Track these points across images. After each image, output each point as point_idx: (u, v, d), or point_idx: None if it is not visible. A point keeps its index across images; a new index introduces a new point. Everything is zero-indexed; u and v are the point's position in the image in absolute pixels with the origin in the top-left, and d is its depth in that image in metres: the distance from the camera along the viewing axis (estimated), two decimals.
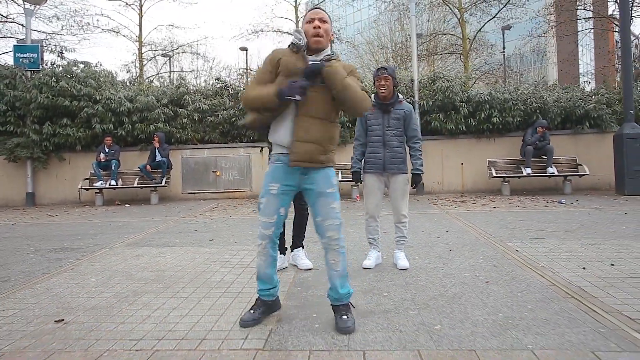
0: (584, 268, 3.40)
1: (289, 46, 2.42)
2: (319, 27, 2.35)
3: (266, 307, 2.53)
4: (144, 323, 2.55)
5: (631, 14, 12.46)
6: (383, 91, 3.51)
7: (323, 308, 2.67)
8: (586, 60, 34.97)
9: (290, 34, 21.31)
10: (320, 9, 2.46)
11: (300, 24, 2.47)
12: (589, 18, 14.48)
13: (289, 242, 3.86)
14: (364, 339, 2.24)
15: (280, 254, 3.68)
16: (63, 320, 2.63)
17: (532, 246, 4.23)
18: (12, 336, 2.41)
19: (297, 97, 2.22)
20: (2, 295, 3.17)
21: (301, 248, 3.79)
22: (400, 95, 3.65)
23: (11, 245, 5.22)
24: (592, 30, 16.72)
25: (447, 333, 2.28)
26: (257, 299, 2.55)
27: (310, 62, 2.32)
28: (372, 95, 3.60)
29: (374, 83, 3.57)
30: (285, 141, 2.36)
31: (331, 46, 2.55)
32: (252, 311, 2.50)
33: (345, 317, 2.38)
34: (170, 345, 2.24)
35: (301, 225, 3.76)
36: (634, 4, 13.01)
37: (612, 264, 3.47)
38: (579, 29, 16.45)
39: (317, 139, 2.34)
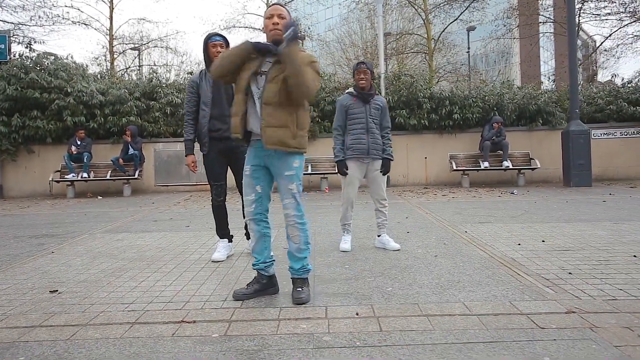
0: (519, 244, 3.92)
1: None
2: (277, 23, 2.55)
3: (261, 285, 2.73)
4: (133, 291, 2.87)
5: (579, 20, 13.40)
6: (363, 83, 3.81)
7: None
8: (547, 60, 36.61)
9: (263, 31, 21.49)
10: (279, 4, 2.63)
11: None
12: (543, 22, 15.38)
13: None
14: (326, 298, 2.65)
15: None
16: (57, 290, 2.92)
17: (479, 228, 4.75)
18: (12, 304, 2.69)
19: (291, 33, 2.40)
20: None
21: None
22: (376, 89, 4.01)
23: None
24: (554, 34, 17.75)
25: (397, 293, 2.71)
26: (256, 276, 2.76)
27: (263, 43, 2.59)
28: (352, 88, 3.92)
29: (354, 76, 3.88)
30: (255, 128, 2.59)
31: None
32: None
33: (300, 289, 2.63)
34: (158, 307, 2.58)
35: None
36: (581, 11, 13.94)
37: (543, 241, 4.01)
38: (540, 31, 17.41)
39: (284, 123, 2.55)
